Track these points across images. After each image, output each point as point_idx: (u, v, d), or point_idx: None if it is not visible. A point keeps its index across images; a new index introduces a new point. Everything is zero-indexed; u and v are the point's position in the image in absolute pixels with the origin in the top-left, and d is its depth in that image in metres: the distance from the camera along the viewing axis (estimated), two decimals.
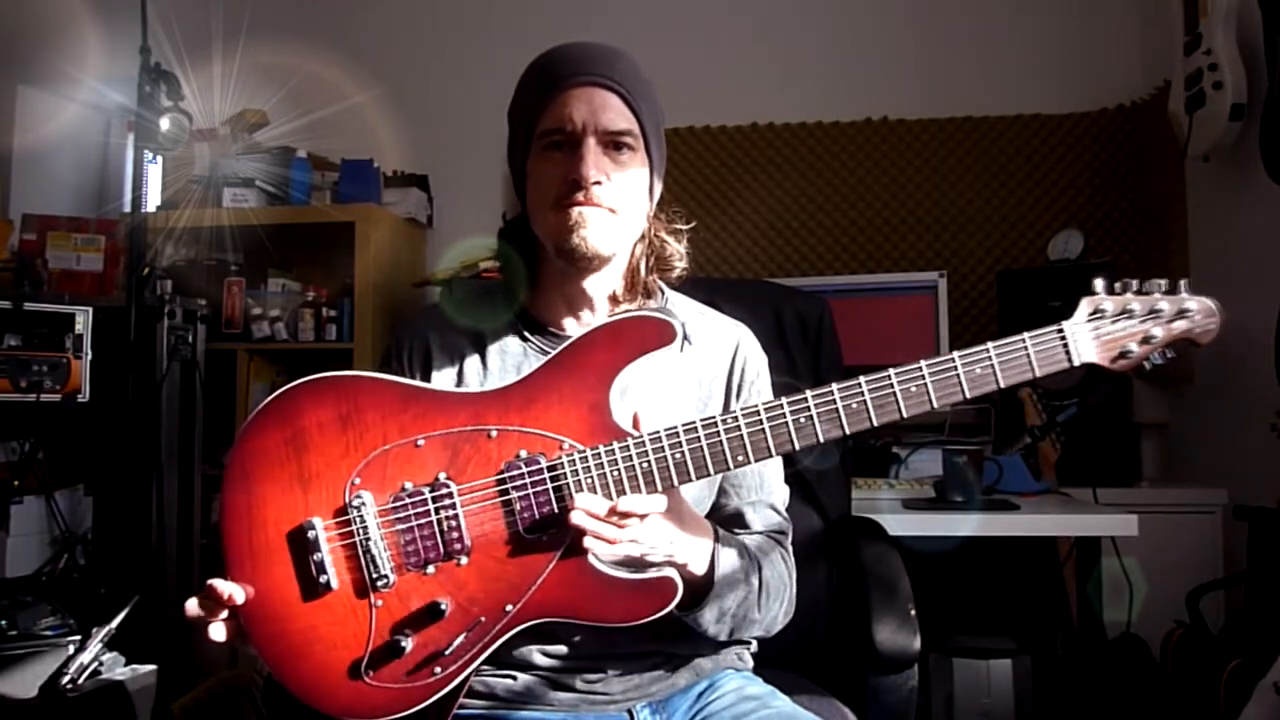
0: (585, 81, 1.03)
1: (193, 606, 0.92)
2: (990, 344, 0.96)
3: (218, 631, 0.92)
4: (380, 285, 2.90)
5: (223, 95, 3.19)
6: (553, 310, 1.12)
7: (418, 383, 1.00)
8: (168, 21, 2.52)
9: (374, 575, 0.93)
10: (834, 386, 0.91)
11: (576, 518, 0.89)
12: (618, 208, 1.05)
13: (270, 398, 0.97)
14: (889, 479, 2.30)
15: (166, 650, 1.99)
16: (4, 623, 1.78)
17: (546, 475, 0.93)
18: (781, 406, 0.91)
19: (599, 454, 0.93)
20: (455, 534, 0.93)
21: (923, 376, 0.93)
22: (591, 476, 0.93)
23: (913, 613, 1.31)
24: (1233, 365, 2.46)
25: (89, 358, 2.20)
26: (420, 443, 0.95)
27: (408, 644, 0.92)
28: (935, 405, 0.93)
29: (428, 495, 0.94)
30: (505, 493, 0.94)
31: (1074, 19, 2.98)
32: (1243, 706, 1.61)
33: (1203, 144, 2.41)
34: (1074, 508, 1.97)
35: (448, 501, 0.94)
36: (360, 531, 0.93)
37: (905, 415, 0.92)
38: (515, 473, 0.94)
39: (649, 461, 0.92)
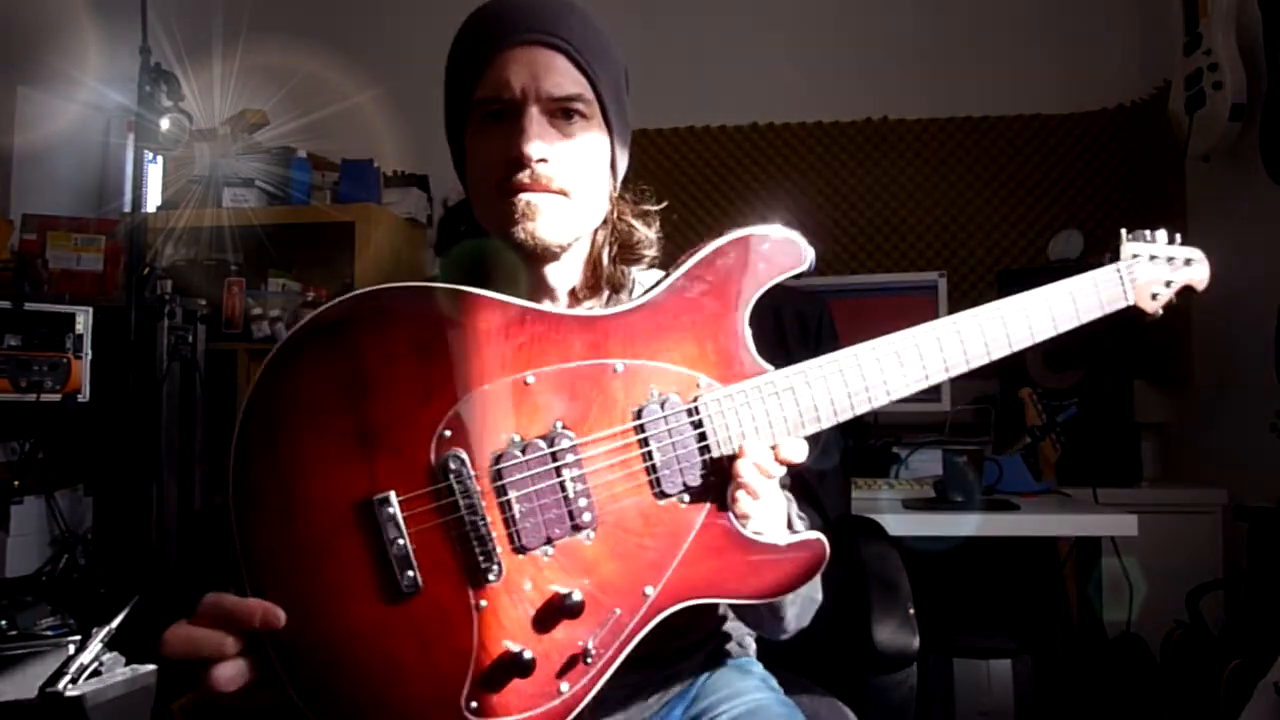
0: (525, 40, 0.88)
1: (182, 637, 0.63)
2: (1063, 283, 0.97)
3: (228, 674, 0.63)
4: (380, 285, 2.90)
5: (223, 95, 3.19)
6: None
7: (521, 301, 0.75)
8: (168, 21, 2.52)
9: (481, 565, 0.68)
10: (970, 311, 0.88)
11: (746, 471, 0.75)
12: (571, 188, 0.90)
13: (308, 319, 0.68)
14: (889, 479, 2.30)
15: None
16: (4, 623, 1.78)
17: (686, 420, 0.76)
18: (914, 336, 0.84)
19: (743, 392, 0.78)
20: (582, 501, 0.72)
21: (1025, 313, 0.92)
22: (738, 420, 0.77)
23: (912, 612, 1.31)
24: (1233, 365, 2.46)
25: (89, 358, 2.20)
26: (530, 380, 0.73)
27: (530, 655, 0.68)
28: (1018, 345, 0.93)
29: (546, 451, 0.72)
30: (644, 444, 0.75)
31: (1074, 19, 2.98)
32: (1243, 706, 1.60)
33: (1203, 144, 2.41)
34: (1074, 508, 1.97)
35: (570, 459, 0.72)
36: (459, 505, 0.68)
37: (1002, 350, 0.90)
38: (653, 417, 0.75)
39: (795, 402, 0.79)
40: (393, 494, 0.67)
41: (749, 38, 3.15)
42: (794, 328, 1.55)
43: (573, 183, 0.90)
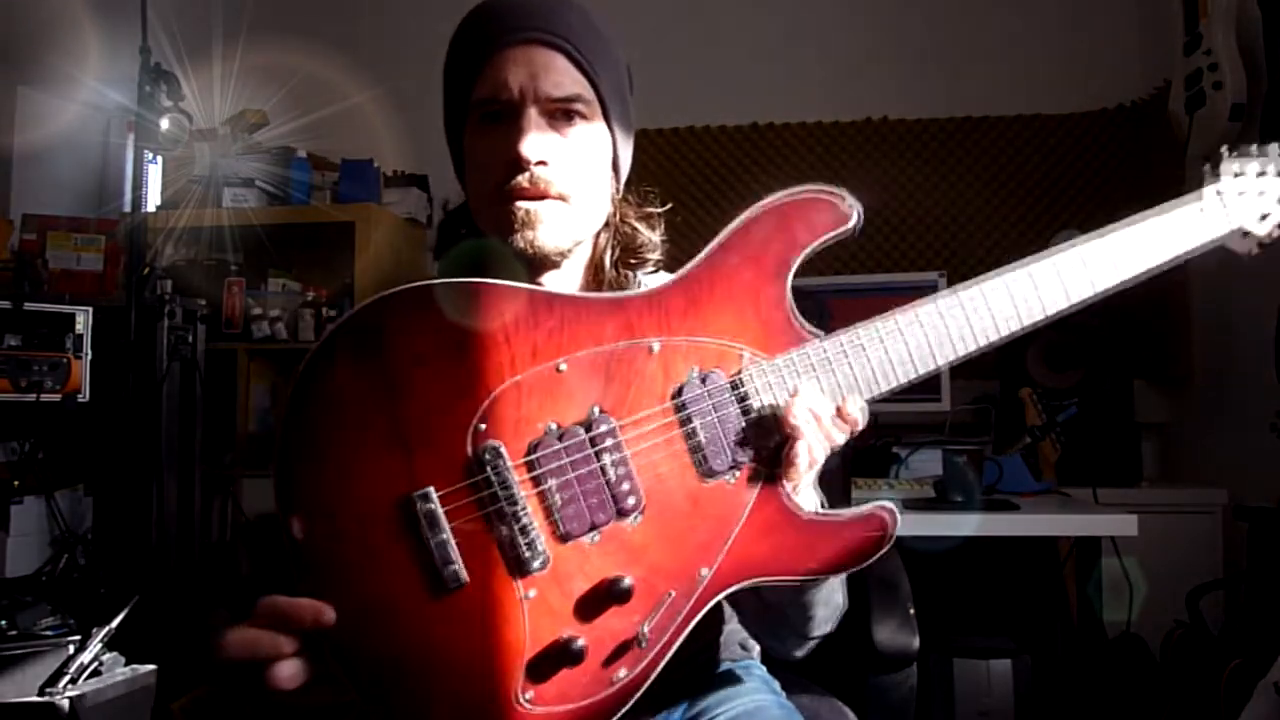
0: (523, 39, 0.86)
1: (240, 639, 0.64)
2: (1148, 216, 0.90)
3: (287, 672, 0.64)
4: (380, 285, 2.87)
5: (223, 95, 3.19)
6: None
7: (548, 288, 0.76)
8: (168, 21, 2.52)
9: (524, 555, 0.68)
10: (1031, 259, 0.82)
11: (799, 414, 0.71)
12: (571, 192, 0.88)
13: (339, 322, 0.70)
14: (889, 479, 2.30)
15: (166, 650, 1.99)
16: (4, 623, 1.78)
17: (731, 394, 0.74)
18: (981, 287, 0.80)
19: (791, 362, 0.75)
20: (626, 485, 0.70)
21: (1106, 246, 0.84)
22: (786, 393, 0.74)
23: (912, 612, 1.31)
24: (1233, 365, 2.46)
25: (89, 358, 2.20)
26: (563, 367, 0.72)
27: (581, 643, 0.67)
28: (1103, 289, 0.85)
29: (584, 437, 0.71)
30: (685, 422, 0.73)
31: (1074, 19, 2.99)
32: (1243, 706, 1.60)
33: (1203, 144, 2.40)
34: (1074, 508, 1.97)
35: (610, 442, 0.71)
36: (498, 496, 0.68)
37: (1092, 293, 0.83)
38: (694, 394, 0.73)
39: (849, 367, 0.75)
40: (431, 489, 0.68)
41: (749, 38, 3.15)
42: None
43: (573, 186, 0.88)
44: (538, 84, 0.86)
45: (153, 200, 2.96)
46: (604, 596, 0.69)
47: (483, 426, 0.69)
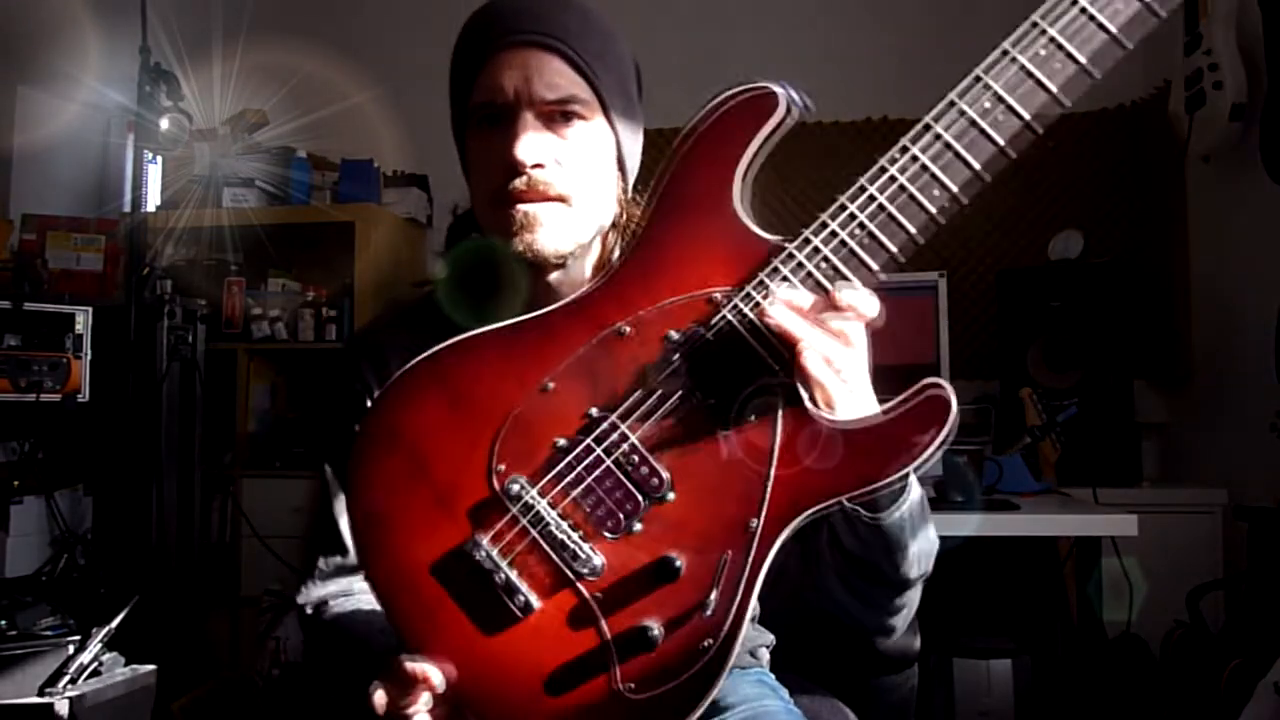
0: (518, 42, 0.86)
1: (381, 698, 0.72)
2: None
3: None
4: (380, 285, 2.90)
5: (223, 95, 3.19)
6: (518, 314, 0.82)
7: (514, 320, 0.76)
8: (168, 21, 2.52)
9: (575, 567, 0.71)
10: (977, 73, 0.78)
11: (781, 318, 0.68)
12: (572, 194, 0.88)
13: (360, 432, 0.77)
14: None
15: (166, 650, 1.99)
16: (4, 623, 1.78)
17: (714, 341, 0.71)
18: (953, 99, 0.77)
19: (761, 281, 0.71)
20: (645, 469, 0.71)
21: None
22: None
23: None
24: (1233, 365, 2.46)
25: (89, 358, 2.20)
26: (549, 386, 0.73)
27: (656, 631, 0.69)
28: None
29: (588, 441, 0.72)
30: (675, 387, 0.71)
31: None
32: (1243, 706, 1.61)
33: (1203, 144, 2.41)
34: (1074, 508, 1.97)
35: (614, 437, 0.72)
36: (534, 522, 0.72)
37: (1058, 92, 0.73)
38: (674, 358, 0.71)
39: (826, 259, 0.73)
40: (478, 535, 0.73)
41: (749, 38, 3.15)
42: None
43: (573, 188, 0.88)
44: (532, 86, 0.86)
45: (153, 200, 2.96)
46: (660, 578, 0.70)
47: (501, 467, 0.74)
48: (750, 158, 0.75)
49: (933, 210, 0.73)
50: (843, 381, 0.71)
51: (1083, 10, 0.74)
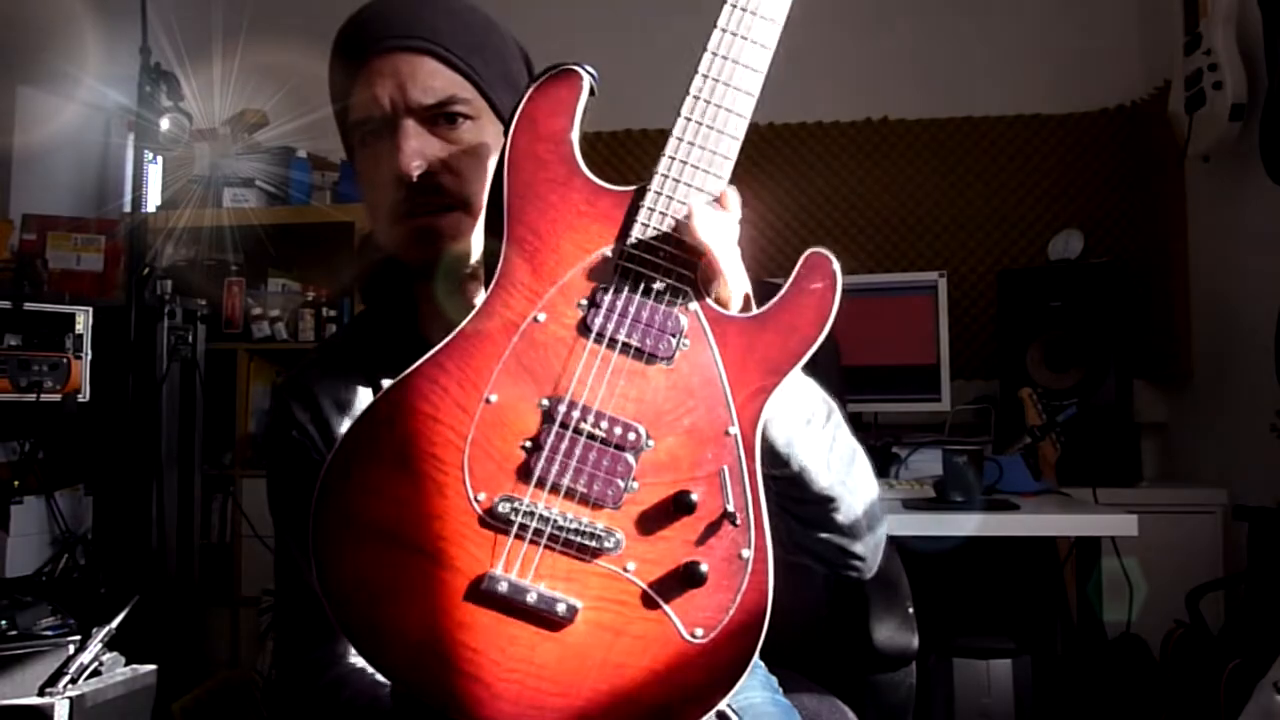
0: (384, 49, 0.84)
1: None
2: None
3: None
4: None
5: (223, 95, 3.19)
6: (445, 330, 0.78)
7: (426, 356, 0.75)
8: (168, 21, 2.52)
9: (594, 546, 0.71)
10: None
11: (703, 232, 0.72)
12: (470, 197, 0.85)
13: (317, 532, 0.72)
14: (889, 479, 2.30)
15: (166, 650, 1.99)
16: (4, 623, 1.78)
17: (625, 290, 0.74)
18: (721, 25, 0.83)
19: (640, 224, 0.74)
20: (616, 429, 0.72)
21: None
22: (657, 247, 0.75)
23: (911, 612, 1.31)
24: (1232, 365, 2.46)
25: (89, 358, 2.20)
26: (492, 398, 0.72)
27: (701, 563, 0.70)
28: None
29: (553, 429, 0.72)
30: (608, 345, 0.73)
31: (1074, 19, 2.99)
32: (1243, 706, 1.61)
33: (1203, 144, 2.41)
34: (1074, 508, 1.97)
35: (575, 413, 0.72)
36: (538, 529, 0.71)
37: None
38: (595, 322, 0.73)
39: (682, 186, 0.76)
40: (491, 570, 0.70)
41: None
42: None
43: (469, 191, 0.86)
44: (407, 93, 0.84)
45: (153, 200, 2.96)
46: (679, 513, 0.71)
47: (481, 496, 0.71)
48: (578, 126, 0.77)
49: (742, 114, 0.81)
50: (741, 273, 0.76)
51: None
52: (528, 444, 0.72)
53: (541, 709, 0.69)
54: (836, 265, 0.75)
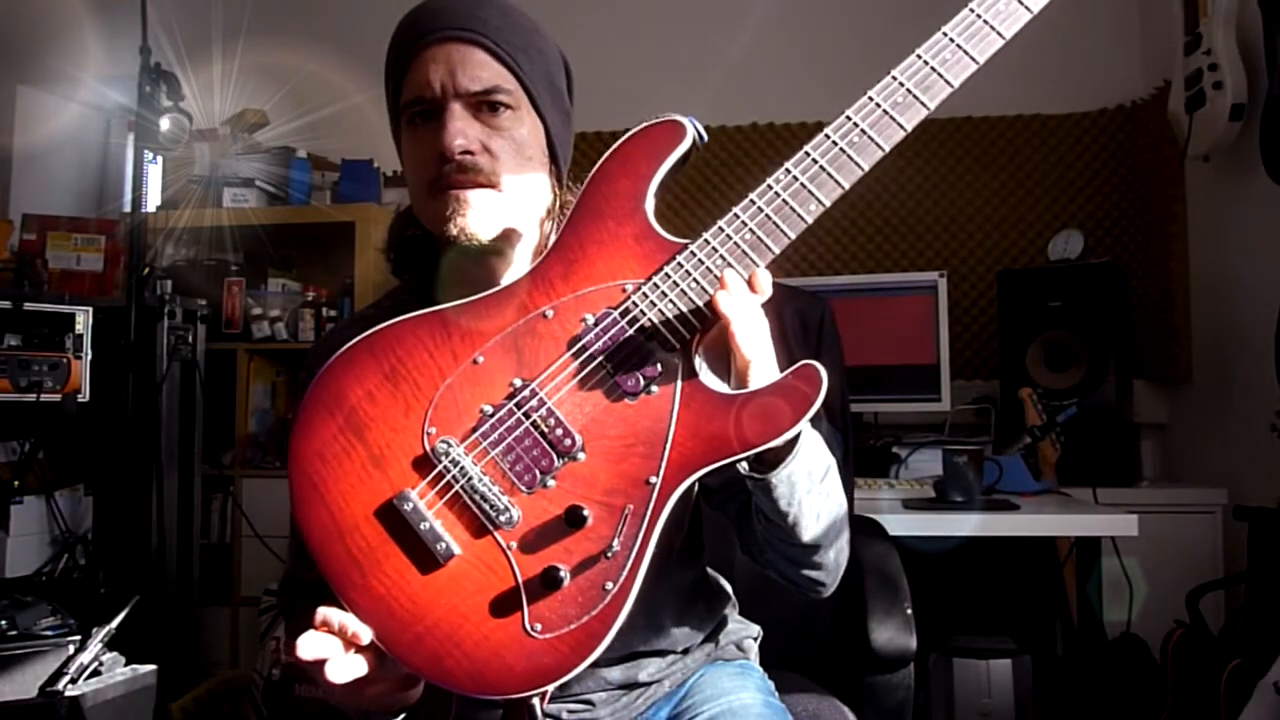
0: (440, 39, 0.92)
1: (309, 647, 0.76)
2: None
3: (348, 667, 0.76)
4: (380, 285, 2.90)
5: (223, 95, 3.19)
6: (462, 298, 0.89)
7: (451, 304, 0.86)
8: (168, 21, 2.52)
9: (493, 515, 0.79)
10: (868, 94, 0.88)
11: (726, 305, 0.79)
12: (501, 180, 0.93)
13: (307, 393, 0.85)
14: (889, 479, 2.30)
15: (166, 650, 1.99)
16: (4, 623, 1.78)
17: (623, 323, 0.82)
18: (828, 134, 0.85)
19: (665, 274, 0.83)
20: (559, 430, 0.81)
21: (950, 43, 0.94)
22: (669, 300, 0.82)
23: (910, 613, 1.31)
24: (1233, 365, 2.46)
25: (89, 358, 2.20)
26: (480, 359, 0.83)
27: (564, 573, 0.77)
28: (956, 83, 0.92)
29: (510, 406, 0.81)
30: (589, 361, 0.82)
31: (1074, 19, 2.98)
32: (1243, 706, 1.61)
33: (1203, 144, 2.41)
34: (1074, 508, 1.97)
35: (534, 402, 0.81)
36: (458, 478, 0.80)
37: (930, 105, 0.88)
38: (589, 336, 0.82)
39: (720, 257, 0.82)
40: (408, 489, 0.81)
41: (749, 38, 3.15)
42: (795, 327, 1.55)
43: (503, 174, 0.93)
44: (456, 79, 0.91)
45: (153, 200, 2.96)
46: (569, 525, 0.79)
47: (432, 430, 0.82)
48: (663, 176, 0.86)
49: (806, 219, 0.85)
50: (762, 352, 0.82)
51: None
52: (487, 409, 0.82)
53: (391, 615, 0.79)
54: (825, 384, 0.80)
